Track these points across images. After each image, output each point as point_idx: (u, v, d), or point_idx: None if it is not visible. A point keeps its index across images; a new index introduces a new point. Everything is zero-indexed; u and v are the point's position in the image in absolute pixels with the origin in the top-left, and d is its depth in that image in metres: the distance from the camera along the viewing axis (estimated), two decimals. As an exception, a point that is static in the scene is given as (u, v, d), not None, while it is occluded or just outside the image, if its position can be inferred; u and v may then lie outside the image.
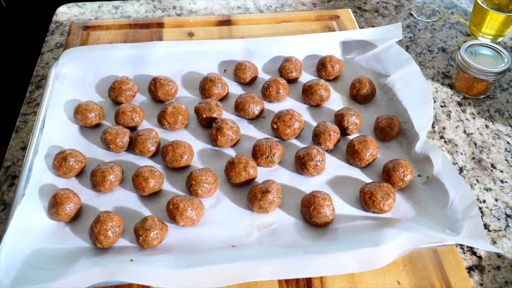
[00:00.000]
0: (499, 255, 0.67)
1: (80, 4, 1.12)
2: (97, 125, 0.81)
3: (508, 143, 0.83)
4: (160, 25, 1.03)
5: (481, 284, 0.64)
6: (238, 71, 0.88)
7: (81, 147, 0.78)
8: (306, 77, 0.92)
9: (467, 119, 0.87)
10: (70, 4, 1.12)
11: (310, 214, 0.65)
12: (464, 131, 0.85)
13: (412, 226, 0.63)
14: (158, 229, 0.62)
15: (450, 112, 0.89)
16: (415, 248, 0.61)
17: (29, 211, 0.65)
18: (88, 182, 0.72)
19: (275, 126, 0.78)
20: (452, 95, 0.92)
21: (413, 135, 0.77)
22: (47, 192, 0.69)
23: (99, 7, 1.11)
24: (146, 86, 0.88)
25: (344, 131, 0.79)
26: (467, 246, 0.68)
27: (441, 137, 0.84)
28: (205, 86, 0.85)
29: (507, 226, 0.71)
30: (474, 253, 0.68)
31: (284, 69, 0.89)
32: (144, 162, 0.76)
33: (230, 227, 0.67)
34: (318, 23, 1.05)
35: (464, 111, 0.89)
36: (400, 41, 1.04)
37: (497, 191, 0.75)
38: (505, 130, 0.85)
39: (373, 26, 1.08)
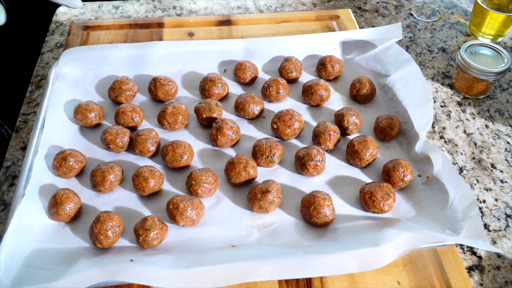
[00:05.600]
0: (499, 255, 0.67)
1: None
2: (97, 125, 0.81)
3: (508, 143, 0.83)
4: (160, 25, 1.03)
5: (481, 284, 0.64)
6: (238, 71, 0.88)
7: (81, 147, 0.78)
8: (306, 77, 0.92)
9: (467, 119, 0.87)
10: (70, 4, 1.12)
11: (310, 214, 0.65)
12: (464, 131, 0.85)
13: (412, 226, 0.63)
14: (158, 229, 0.62)
15: (450, 112, 0.89)
16: (415, 248, 0.61)
17: (29, 211, 0.65)
18: (88, 182, 0.72)
19: (275, 126, 0.78)
20: (452, 95, 0.92)
21: (413, 135, 0.77)
22: (47, 192, 0.69)
23: (99, 7, 1.11)
24: (146, 86, 0.88)
25: (344, 131, 0.79)
26: (467, 246, 0.68)
27: (441, 137, 0.84)
28: (205, 86, 0.85)
29: (507, 226, 0.71)
30: (474, 253, 0.68)
31: (284, 69, 0.89)
32: (144, 162, 0.76)
33: (230, 227, 0.67)
34: (318, 23, 1.05)
35: (464, 111, 0.89)
36: (400, 41, 1.04)
37: (497, 191, 0.75)
38: (505, 130, 0.85)
39: (373, 26, 1.08)
